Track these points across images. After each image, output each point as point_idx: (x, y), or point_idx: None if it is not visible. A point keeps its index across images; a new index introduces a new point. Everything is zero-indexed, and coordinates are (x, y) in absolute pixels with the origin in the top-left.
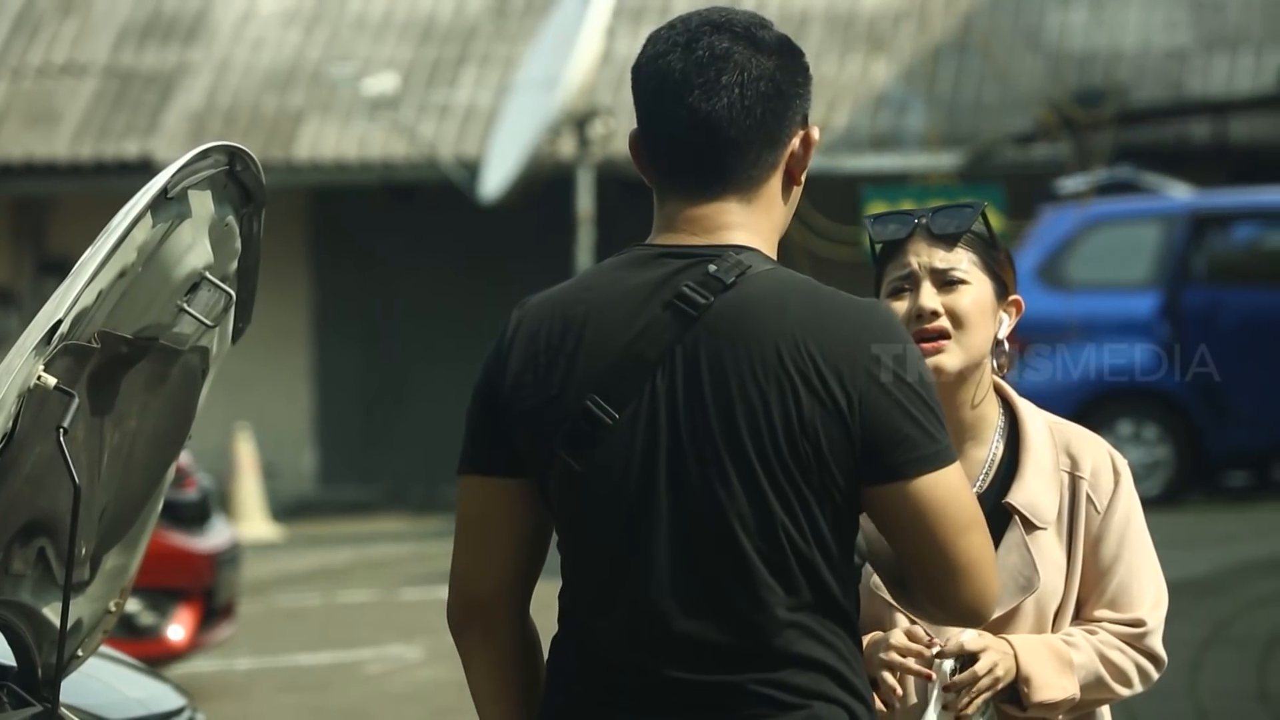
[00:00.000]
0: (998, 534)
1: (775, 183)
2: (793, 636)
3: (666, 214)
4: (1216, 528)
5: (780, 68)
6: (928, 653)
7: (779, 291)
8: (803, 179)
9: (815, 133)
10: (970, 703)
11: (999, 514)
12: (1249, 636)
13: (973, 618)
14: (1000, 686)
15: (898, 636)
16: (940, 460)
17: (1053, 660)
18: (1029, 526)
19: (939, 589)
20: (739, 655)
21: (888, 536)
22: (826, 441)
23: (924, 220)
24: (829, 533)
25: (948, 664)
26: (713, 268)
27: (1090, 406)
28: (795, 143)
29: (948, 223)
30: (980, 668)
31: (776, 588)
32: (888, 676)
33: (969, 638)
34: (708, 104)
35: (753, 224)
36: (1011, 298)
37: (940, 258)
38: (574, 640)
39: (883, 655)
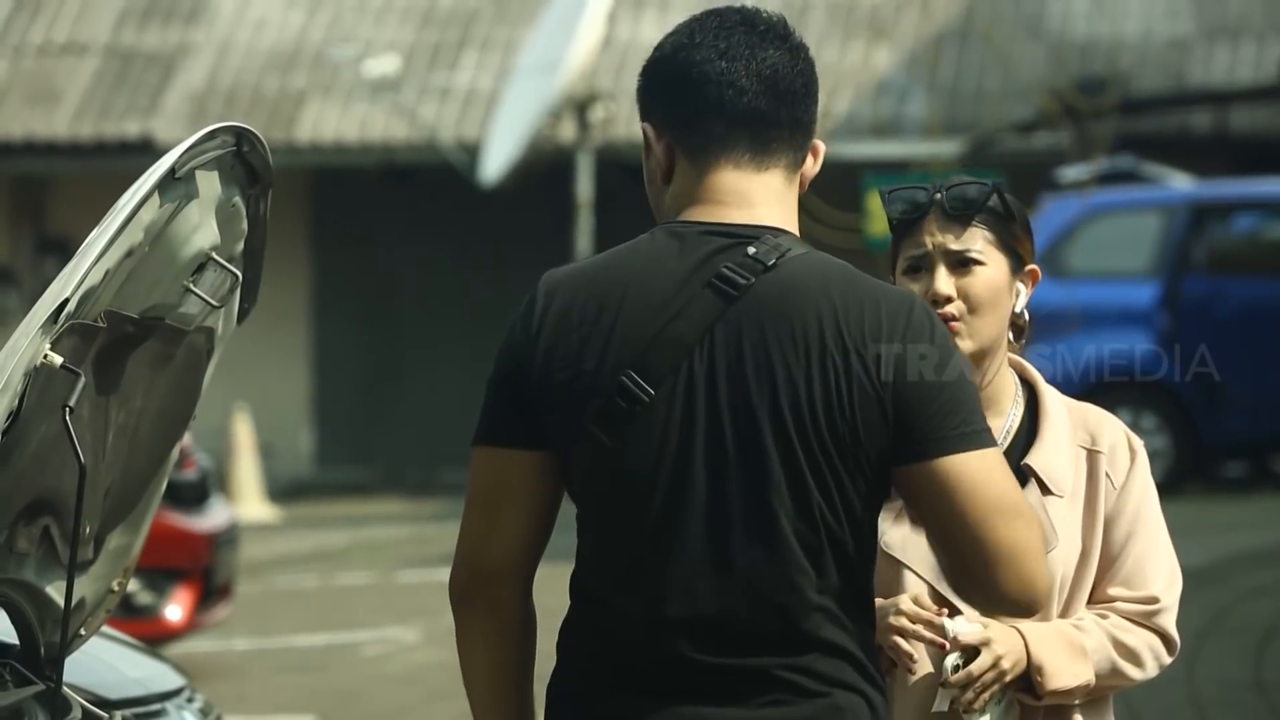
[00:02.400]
0: None
1: (798, 173)
2: (820, 620)
3: (709, 185)
4: (1214, 517)
5: (808, 66)
6: (937, 620)
7: (820, 275)
8: (805, 186)
9: (821, 147)
10: (977, 698)
11: (1016, 477)
12: (1246, 626)
13: (1022, 606)
14: (1009, 679)
15: (906, 603)
16: (971, 442)
17: (1065, 648)
18: (1044, 491)
19: (980, 578)
20: (765, 638)
21: (924, 523)
22: (864, 424)
23: (939, 196)
24: (861, 515)
25: (950, 660)
26: (752, 250)
27: (1088, 395)
28: (811, 145)
29: (961, 202)
30: (976, 667)
31: (809, 569)
32: (900, 642)
33: (965, 630)
34: (764, 55)
35: (790, 206)
36: (1028, 268)
37: (954, 238)
38: (591, 619)
39: (892, 620)
